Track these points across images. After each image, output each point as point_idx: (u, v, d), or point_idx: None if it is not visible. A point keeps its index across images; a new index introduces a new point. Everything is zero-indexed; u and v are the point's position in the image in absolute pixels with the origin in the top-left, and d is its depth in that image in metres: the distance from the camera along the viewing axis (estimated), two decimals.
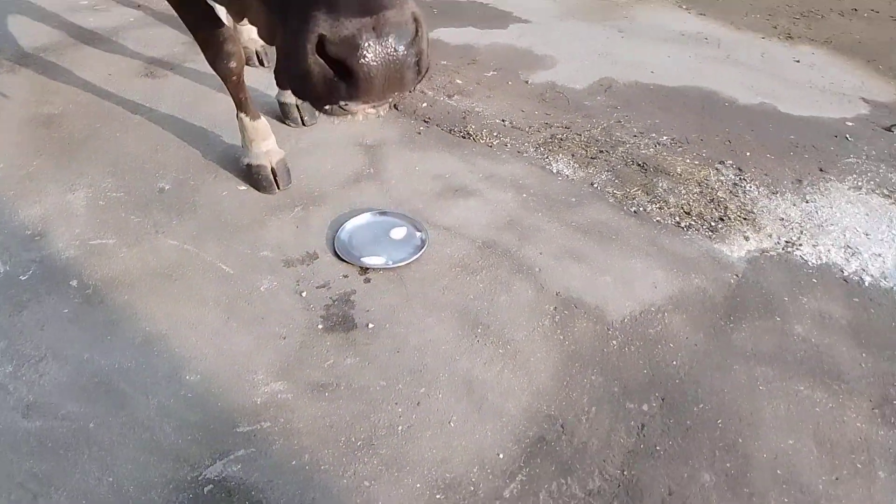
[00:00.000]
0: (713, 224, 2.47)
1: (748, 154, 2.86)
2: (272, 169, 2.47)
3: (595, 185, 2.65)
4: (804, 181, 2.71)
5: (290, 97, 2.85)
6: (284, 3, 1.10)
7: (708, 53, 3.55)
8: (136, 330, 1.96)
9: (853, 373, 1.94)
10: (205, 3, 2.15)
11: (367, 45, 1.00)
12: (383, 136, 2.87)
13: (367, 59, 1.01)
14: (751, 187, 2.67)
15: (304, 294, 2.11)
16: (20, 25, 3.59)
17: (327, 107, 1.11)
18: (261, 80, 3.12)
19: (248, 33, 3.22)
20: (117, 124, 2.83)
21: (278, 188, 2.49)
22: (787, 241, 2.41)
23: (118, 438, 1.69)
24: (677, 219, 2.49)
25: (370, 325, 2.02)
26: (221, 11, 2.55)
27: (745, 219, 2.50)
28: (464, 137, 2.92)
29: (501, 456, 1.69)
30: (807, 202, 2.60)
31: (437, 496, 1.60)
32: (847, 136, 2.98)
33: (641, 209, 2.54)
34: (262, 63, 3.28)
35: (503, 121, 3.04)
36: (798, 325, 2.08)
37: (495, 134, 2.94)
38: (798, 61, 3.49)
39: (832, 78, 3.38)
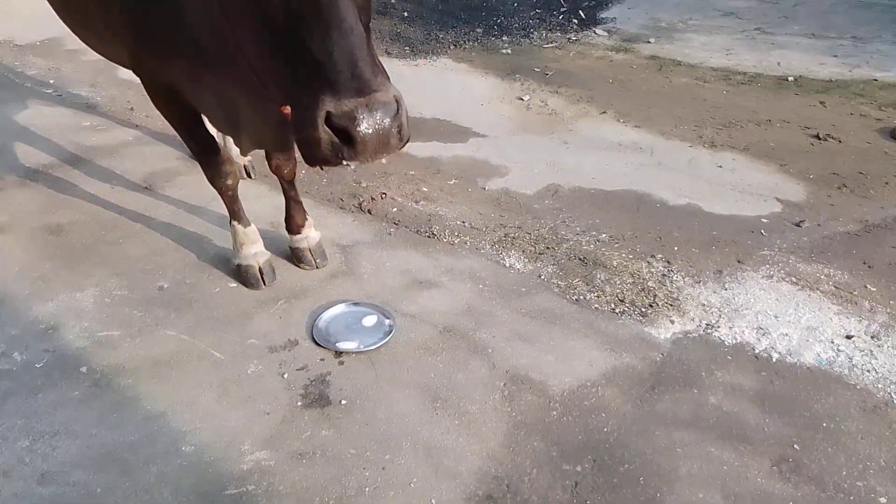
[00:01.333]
0: (643, 310, 2.85)
1: (676, 248, 3.27)
2: (259, 268, 2.83)
3: (542, 277, 3.04)
4: (724, 271, 3.11)
5: (303, 242, 2.97)
6: (297, 94, 1.47)
7: (642, 161, 4.04)
8: (139, 409, 2.25)
9: (757, 436, 2.27)
10: (207, 133, 2.56)
11: (361, 117, 1.40)
12: (358, 237, 3.26)
13: (362, 128, 1.41)
14: (677, 277, 3.06)
15: (285, 375, 2.42)
16: (29, 144, 4.00)
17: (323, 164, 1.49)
18: (247, 192, 3.52)
19: (236, 151, 3.64)
20: (120, 232, 3.19)
21: (265, 285, 2.84)
22: (707, 324, 2.78)
23: (122, 501, 1.95)
24: (612, 305, 2.87)
25: (343, 402, 2.32)
26: (217, 135, 3.00)
27: (671, 305, 2.88)
28: (429, 237, 3.31)
29: None
30: (725, 290, 2.99)
31: None
32: (762, 231, 3.42)
33: (582, 297, 2.91)
34: (249, 175, 3.70)
35: (463, 222, 3.45)
36: (712, 395, 2.42)
37: (456, 234, 3.34)
38: (720, 166, 3.98)
39: (750, 180, 3.86)
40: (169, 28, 2.09)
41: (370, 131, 1.42)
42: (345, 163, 1.48)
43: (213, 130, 2.77)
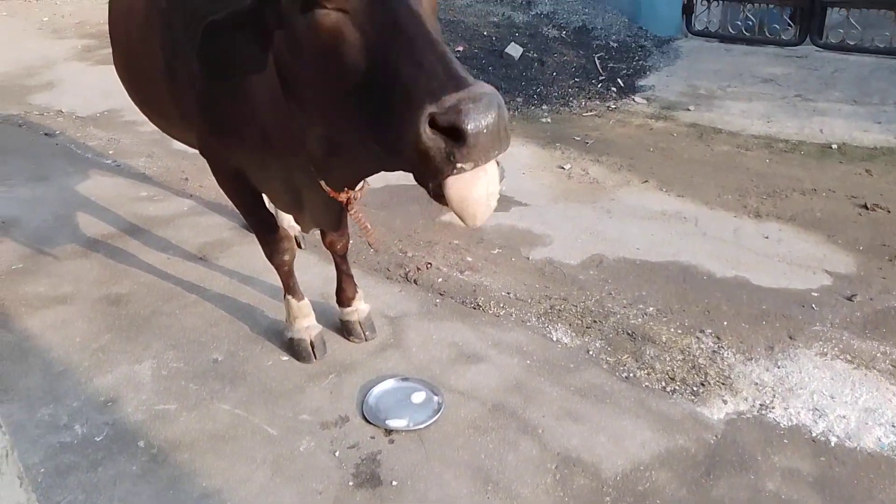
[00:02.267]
0: (695, 388, 2.81)
1: (725, 323, 3.25)
2: (311, 342, 2.89)
3: (590, 353, 3.03)
4: (775, 348, 3.07)
5: (353, 315, 3.00)
6: (389, 123, 1.41)
7: (686, 230, 4.05)
8: (195, 485, 2.28)
9: None
10: (267, 211, 2.67)
11: (468, 108, 1.32)
12: (405, 308, 3.31)
13: (471, 118, 1.32)
14: (728, 354, 3.03)
15: (337, 453, 2.44)
16: (90, 214, 4.17)
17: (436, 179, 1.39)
18: (298, 262, 3.61)
19: (288, 221, 3.75)
20: (176, 303, 3.29)
21: (316, 358, 2.89)
22: (760, 404, 2.74)
23: None
24: (663, 383, 2.85)
25: (394, 483, 2.33)
26: (274, 210, 3.10)
27: (723, 384, 2.85)
28: (474, 308, 3.34)
29: None
30: (778, 367, 2.95)
31: None
32: (813, 305, 3.38)
33: (631, 374, 2.90)
34: (300, 245, 3.79)
35: (508, 293, 3.47)
36: (770, 481, 2.37)
37: (501, 305, 3.37)
38: (767, 237, 3.97)
39: (798, 251, 3.83)
40: (239, 117, 2.20)
41: (480, 122, 1.32)
42: (459, 168, 1.37)
43: (270, 207, 2.88)
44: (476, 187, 1.45)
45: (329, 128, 1.81)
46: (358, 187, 2.19)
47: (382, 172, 1.99)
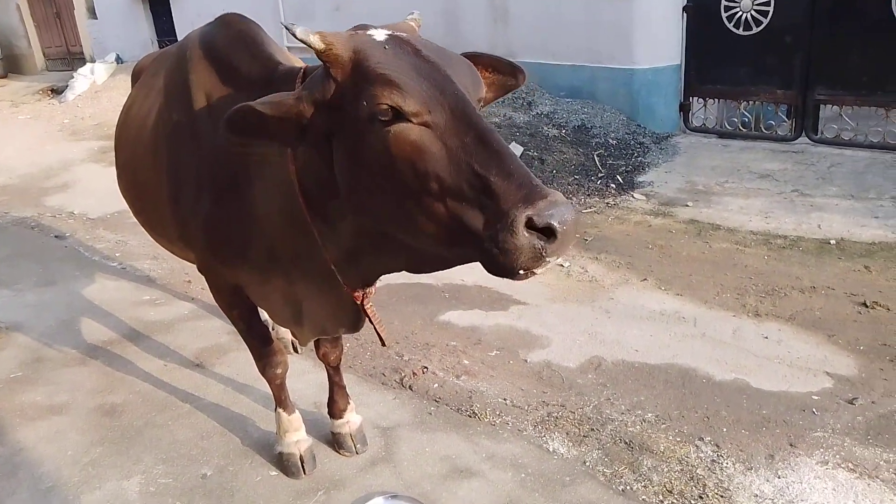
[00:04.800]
0: (693, 501, 2.74)
1: (724, 430, 3.19)
2: (301, 456, 2.85)
3: (587, 464, 2.97)
4: (776, 456, 3.00)
5: (344, 427, 2.99)
6: (474, 217, 1.57)
7: (685, 331, 4.03)
8: None
9: None
10: (263, 326, 2.70)
11: (557, 212, 1.51)
12: (398, 418, 3.27)
13: (560, 220, 1.51)
14: (727, 463, 2.96)
15: None
16: (93, 319, 4.23)
17: (524, 271, 1.56)
18: (292, 368, 3.62)
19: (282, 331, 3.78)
20: (170, 413, 3.29)
21: (305, 473, 2.85)
22: None
23: None
24: (660, 496, 2.77)
25: None
26: (269, 323, 3.13)
27: (721, 495, 2.77)
28: (469, 417, 3.30)
29: None
30: (779, 478, 2.87)
31: None
32: (814, 410, 3.31)
33: (628, 487, 2.83)
34: (296, 350, 3.81)
35: (504, 399, 3.44)
36: None
37: (498, 413, 3.33)
38: (766, 337, 3.94)
39: (798, 353, 3.79)
40: (244, 238, 2.26)
41: (567, 221, 1.53)
42: (546, 261, 1.55)
43: (265, 319, 2.92)
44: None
45: (389, 228, 1.82)
46: (373, 283, 2.21)
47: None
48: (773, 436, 3.14)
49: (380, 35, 1.77)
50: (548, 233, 1.52)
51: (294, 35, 1.71)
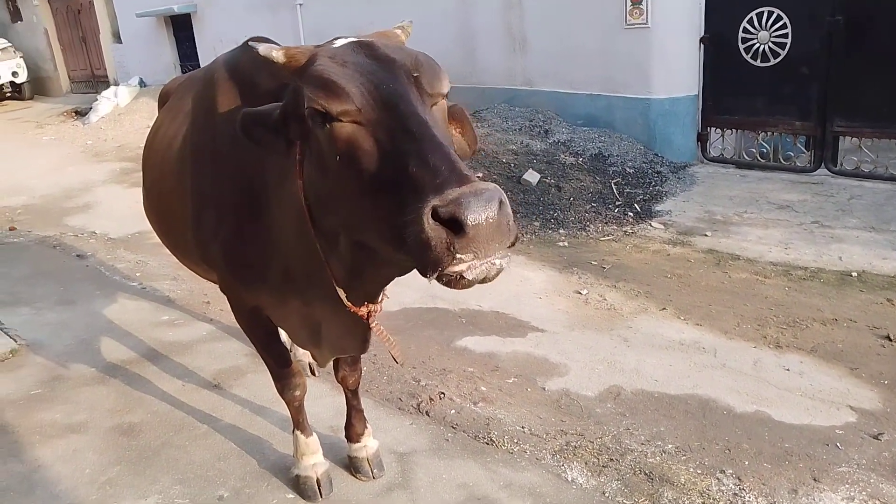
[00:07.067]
0: None
1: (746, 463, 3.13)
2: (317, 479, 2.84)
3: (606, 494, 2.93)
4: (799, 491, 2.94)
5: (361, 451, 2.98)
6: (401, 218, 1.44)
7: (705, 362, 3.99)
8: None
9: None
10: (282, 347, 2.71)
11: (468, 201, 1.37)
12: (415, 444, 3.25)
13: (470, 211, 1.35)
14: (750, 497, 2.91)
15: None
16: (112, 339, 4.26)
17: (443, 275, 1.42)
18: (309, 391, 3.61)
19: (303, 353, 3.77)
20: (187, 433, 3.29)
21: (321, 497, 2.83)
22: None
23: None
24: None
25: None
26: (288, 343, 3.14)
27: None
28: (487, 444, 3.27)
29: None
30: None
31: None
32: (837, 444, 3.25)
33: None
34: (313, 373, 3.80)
35: (522, 427, 3.41)
36: None
37: (515, 441, 3.29)
38: (787, 369, 3.89)
39: (820, 385, 3.74)
40: (262, 260, 2.28)
41: (480, 214, 1.37)
42: (458, 258, 1.40)
43: (285, 339, 2.92)
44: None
45: (353, 234, 1.82)
46: (378, 300, 2.20)
47: (400, 296, 2.02)
48: (797, 469, 3.08)
49: (340, 42, 1.80)
50: (455, 226, 1.38)
51: (258, 52, 1.78)
